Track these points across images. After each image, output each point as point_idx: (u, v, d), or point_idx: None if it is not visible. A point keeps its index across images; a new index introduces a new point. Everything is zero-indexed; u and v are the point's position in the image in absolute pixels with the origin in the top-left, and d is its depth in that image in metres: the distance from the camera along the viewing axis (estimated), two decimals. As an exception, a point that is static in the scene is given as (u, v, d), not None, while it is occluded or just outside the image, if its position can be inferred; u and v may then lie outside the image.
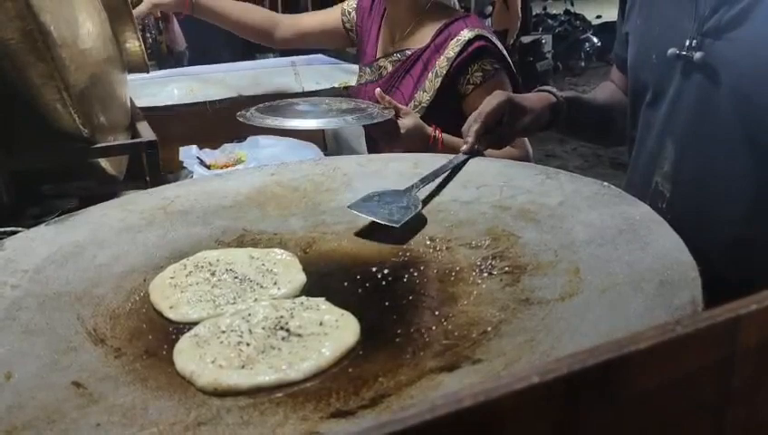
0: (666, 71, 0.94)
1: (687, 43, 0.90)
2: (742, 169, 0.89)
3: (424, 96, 1.43)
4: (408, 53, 1.47)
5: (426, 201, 0.89)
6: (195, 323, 0.69)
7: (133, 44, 1.42)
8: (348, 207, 0.86)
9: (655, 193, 0.96)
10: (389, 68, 1.50)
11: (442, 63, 1.41)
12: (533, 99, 1.05)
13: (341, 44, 1.76)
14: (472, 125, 0.98)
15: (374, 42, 1.57)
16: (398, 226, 0.82)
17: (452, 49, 1.40)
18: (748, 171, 0.88)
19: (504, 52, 1.45)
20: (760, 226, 0.90)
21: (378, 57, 1.53)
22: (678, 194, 0.94)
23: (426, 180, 0.91)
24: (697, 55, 0.89)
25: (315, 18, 1.71)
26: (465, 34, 1.40)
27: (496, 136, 1.00)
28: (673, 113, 0.94)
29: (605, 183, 0.83)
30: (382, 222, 0.83)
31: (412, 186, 0.90)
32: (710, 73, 0.88)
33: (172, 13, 1.71)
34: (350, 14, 1.64)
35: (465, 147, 0.98)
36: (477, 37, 1.40)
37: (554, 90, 1.09)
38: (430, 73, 1.42)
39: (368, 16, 1.60)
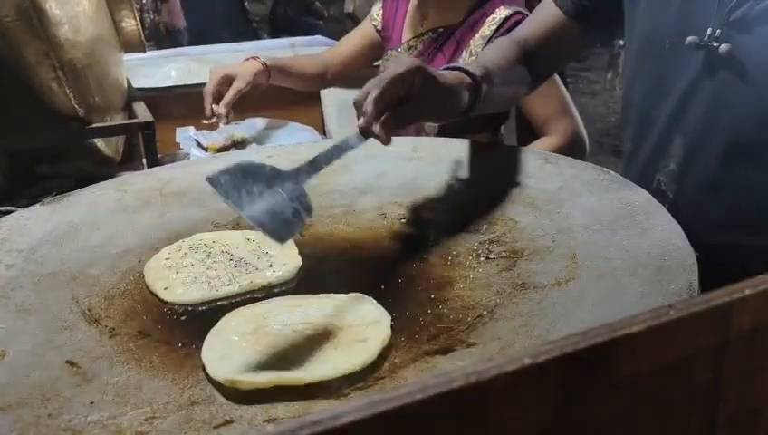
0: (681, 60, 0.86)
1: (710, 31, 0.81)
2: (760, 172, 0.81)
3: None
4: (441, 30, 1.44)
5: (410, 183, 0.84)
6: (189, 304, 0.69)
7: (129, 24, 1.40)
8: (207, 178, 0.66)
9: (656, 192, 0.87)
10: (420, 47, 1.46)
11: (477, 42, 1.36)
12: (448, 75, 0.87)
13: (381, 53, 1.66)
14: (371, 91, 0.75)
15: (401, 25, 1.52)
16: (282, 244, 0.66)
17: (488, 27, 1.35)
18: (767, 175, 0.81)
19: None
20: None
21: (408, 39, 1.50)
22: (684, 195, 0.87)
23: (314, 167, 0.72)
24: (723, 47, 0.80)
25: (352, 39, 1.66)
26: (502, 12, 1.35)
27: (402, 113, 0.78)
28: (684, 107, 0.86)
29: (604, 169, 0.82)
30: (263, 232, 0.61)
31: (299, 171, 0.71)
32: (736, 68, 0.80)
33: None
34: (377, 15, 1.59)
35: (361, 121, 0.75)
36: (515, 14, 1.36)
37: (467, 68, 0.89)
38: (464, 52, 1.37)
39: (391, 3, 1.57)
